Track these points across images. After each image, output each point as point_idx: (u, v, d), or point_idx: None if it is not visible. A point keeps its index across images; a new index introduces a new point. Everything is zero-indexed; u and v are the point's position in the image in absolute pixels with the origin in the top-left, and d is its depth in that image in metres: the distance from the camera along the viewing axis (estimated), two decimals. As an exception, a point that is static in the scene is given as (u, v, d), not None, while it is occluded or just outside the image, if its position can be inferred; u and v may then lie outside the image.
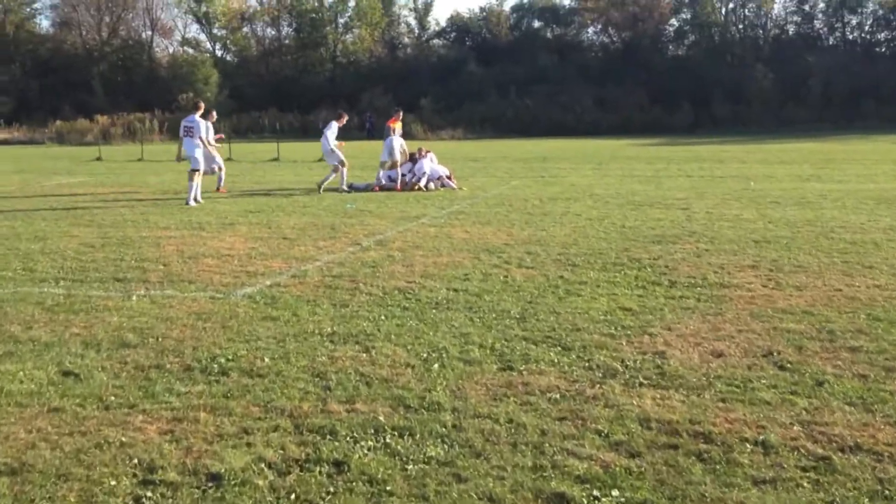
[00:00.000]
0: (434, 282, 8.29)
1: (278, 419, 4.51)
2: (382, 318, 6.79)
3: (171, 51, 79.37)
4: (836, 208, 13.89)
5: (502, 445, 4.11)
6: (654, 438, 4.13)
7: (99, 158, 33.89)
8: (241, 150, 37.20)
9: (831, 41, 67.41)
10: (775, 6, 69.24)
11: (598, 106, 60.65)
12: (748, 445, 4.06)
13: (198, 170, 16.32)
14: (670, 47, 71.70)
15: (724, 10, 70.00)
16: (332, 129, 18.62)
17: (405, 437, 4.24)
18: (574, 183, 19.84)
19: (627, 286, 7.94)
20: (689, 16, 69.31)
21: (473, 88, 63.64)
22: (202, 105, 17.48)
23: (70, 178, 19.43)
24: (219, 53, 78.31)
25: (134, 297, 7.68)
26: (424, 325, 6.50)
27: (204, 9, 76.22)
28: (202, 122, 16.65)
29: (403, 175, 18.92)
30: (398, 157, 18.81)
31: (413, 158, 19.26)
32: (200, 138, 16.46)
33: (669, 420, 4.34)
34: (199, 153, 16.37)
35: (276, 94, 67.28)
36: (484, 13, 77.08)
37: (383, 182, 18.89)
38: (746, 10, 69.33)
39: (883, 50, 64.99)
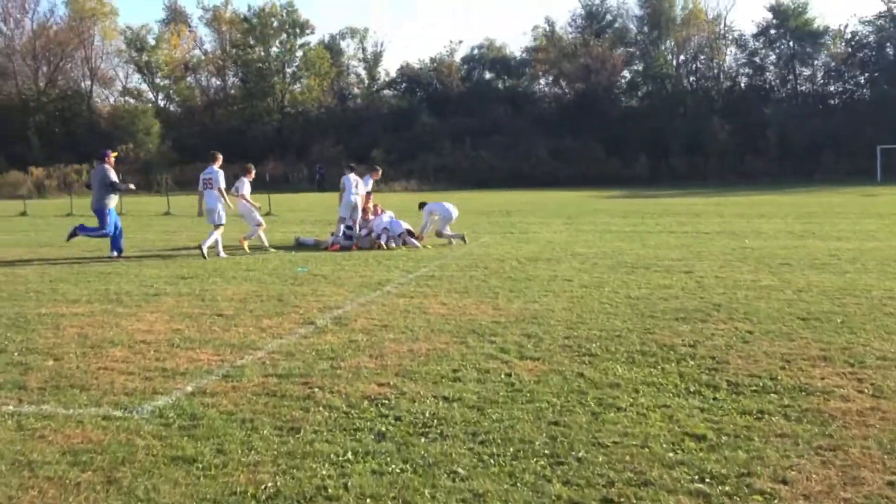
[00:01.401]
0: (415, 384, 6.17)
1: None
2: (350, 457, 4.63)
3: (111, 101, 76.72)
4: (859, 272, 12.11)
5: None
6: None
7: (24, 213, 31.18)
8: (182, 204, 34.82)
9: (783, 94, 67.55)
10: (726, 59, 69.48)
11: (554, 157, 59.56)
12: None
13: (220, 224, 15.58)
14: (623, 98, 71.26)
15: (675, 63, 69.94)
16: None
17: None
18: (550, 240, 17.93)
19: (676, 392, 5.91)
20: (640, 67, 69.00)
21: (427, 139, 62.22)
22: (219, 156, 16.17)
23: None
24: (161, 103, 75.85)
25: (-5, 419, 5.41)
26: (415, 476, 4.35)
27: (146, 58, 73.90)
28: (221, 173, 15.71)
29: (361, 232, 16.89)
30: (360, 214, 16.85)
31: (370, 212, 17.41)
32: (220, 189, 15.56)
33: None
34: (221, 206, 15.55)
35: (222, 144, 64.44)
36: (434, 64, 76.14)
37: (341, 241, 16.76)
38: (698, 63, 69.37)
39: (836, 102, 65.24)
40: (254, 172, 16.88)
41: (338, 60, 77.19)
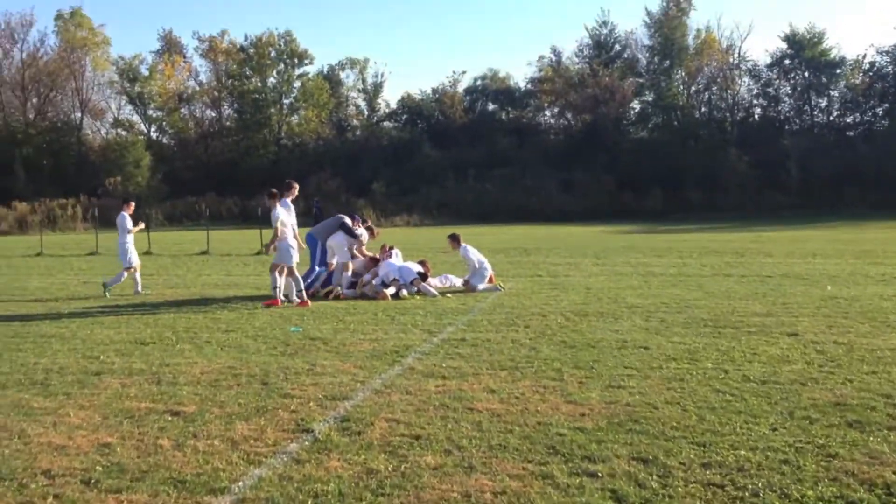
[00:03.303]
0: None
1: None
2: None
3: (103, 133, 74.19)
4: None
5: None
6: None
7: (-11, 251, 28.33)
8: (166, 241, 32.04)
9: (798, 125, 65.19)
10: (740, 89, 67.18)
11: (564, 190, 57.01)
12: None
13: (282, 265, 13.14)
14: (632, 130, 68.83)
15: (686, 94, 67.63)
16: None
17: None
18: (589, 286, 15.13)
19: None
20: (651, 97, 66.70)
21: (429, 172, 59.70)
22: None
23: None
24: (154, 135, 73.35)
25: None
26: None
27: (138, 89, 71.48)
28: (276, 209, 13.15)
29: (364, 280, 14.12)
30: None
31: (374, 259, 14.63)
32: (276, 230, 13.13)
33: None
34: (283, 244, 13.13)
35: (216, 177, 62.45)
36: (437, 95, 73.85)
37: (344, 289, 13.94)
38: (710, 93, 67.07)
39: (853, 133, 62.93)
40: (296, 189, 14.03)
41: (337, 91, 74.94)
